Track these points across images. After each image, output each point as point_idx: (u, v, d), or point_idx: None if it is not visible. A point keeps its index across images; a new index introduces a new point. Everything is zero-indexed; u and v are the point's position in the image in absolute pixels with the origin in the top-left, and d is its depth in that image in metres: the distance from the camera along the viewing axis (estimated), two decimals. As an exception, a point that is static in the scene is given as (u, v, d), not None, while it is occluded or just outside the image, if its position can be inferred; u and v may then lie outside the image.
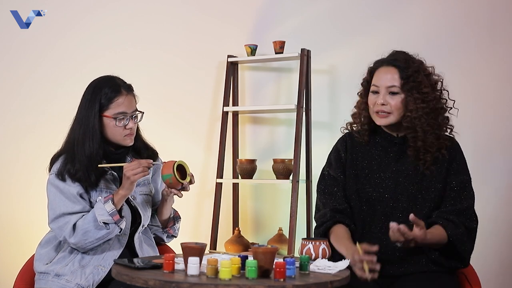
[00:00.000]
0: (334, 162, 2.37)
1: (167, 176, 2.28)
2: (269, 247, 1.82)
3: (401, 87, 2.21)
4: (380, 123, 2.27)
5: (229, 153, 3.71)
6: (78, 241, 2.27)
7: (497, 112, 3.27)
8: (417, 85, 2.20)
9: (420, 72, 2.23)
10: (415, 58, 2.28)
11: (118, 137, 2.38)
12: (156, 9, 3.89)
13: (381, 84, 2.24)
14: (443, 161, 2.25)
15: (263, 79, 3.79)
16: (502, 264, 3.21)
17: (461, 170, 2.27)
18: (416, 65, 2.23)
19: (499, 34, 3.28)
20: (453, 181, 2.24)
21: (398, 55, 2.27)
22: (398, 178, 2.26)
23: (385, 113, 2.24)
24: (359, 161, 2.33)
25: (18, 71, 4.00)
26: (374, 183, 2.28)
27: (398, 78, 2.22)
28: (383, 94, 2.23)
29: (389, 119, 2.24)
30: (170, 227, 2.55)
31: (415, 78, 2.21)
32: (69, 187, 2.31)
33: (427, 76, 2.25)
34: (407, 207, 2.23)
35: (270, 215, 3.70)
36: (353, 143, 2.36)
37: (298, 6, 3.67)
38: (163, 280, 1.71)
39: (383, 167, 2.29)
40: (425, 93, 2.20)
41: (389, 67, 2.25)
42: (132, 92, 2.42)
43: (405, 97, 2.21)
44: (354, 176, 2.32)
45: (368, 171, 2.30)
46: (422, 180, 2.24)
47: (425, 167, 2.23)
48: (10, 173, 3.93)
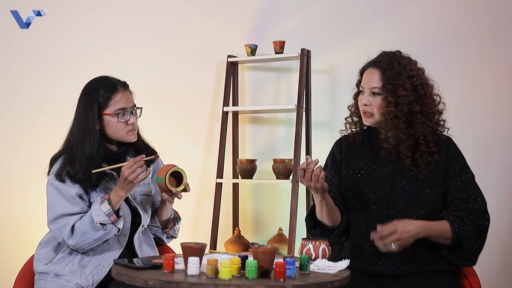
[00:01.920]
0: (330, 164, 2.41)
1: (159, 180, 2.28)
2: (269, 247, 1.82)
3: (381, 88, 2.25)
4: (366, 123, 2.32)
5: (229, 153, 3.71)
6: (77, 243, 2.27)
7: (497, 112, 3.27)
8: (393, 87, 2.22)
9: (402, 74, 2.23)
10: (404, 59, 2.28)
11: (121, 134, 2.38)
12: (156, 10, 3.89)
13: (365, 85, 2.29)
14: (437, 166, 2.25)
15: (263, 79, 3.79)
16: (502, 264, 3.21)
17: (462, 170, 2.27)
18: (399, 67, 2.24)
19: (499, 34, 3.28)
20: (457, 182, 2.24)
21: (384, 56, 2.30)
22: (395, 178, 2.27)
23: (369, 114, 2.29)
24: (355, 162, 2.35)
25: (18, 71, 4.00)
26: (370, 184, 2.29)
27: (379, 80, 2.25)
28: (366, 95, 2.28)
29: (373, 119, 2.29)
30: (170, 228, 2.55)
31: (394, 80, 2.23)
32: (69, 188, 2.31)
33: (410, 78, 2.24)
34: (403, 207, 2.23)
35: (270, 215, 3.70)
36: (348, 145, 2.39)
37: (298, 6, 3.67)
38: (163, 280, 1.71)
39: (379, 167, 2.30)
40: (401, 95, 2.21)
41: (373, 69, 2.29)
42: (128, 88, 2.43)
43: (382, 98, 2.25)
44: (350, 177, 2.33)
45: (364, 171, 2.32)
46: (418, 181, 2.25)
47: (417, 171, 2.24)
48: (9, 173, 3.94)
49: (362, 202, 2.29)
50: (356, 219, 2.31)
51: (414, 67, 2.28)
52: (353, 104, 2.40)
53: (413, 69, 2.27)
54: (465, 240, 2.17)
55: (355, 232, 2.31)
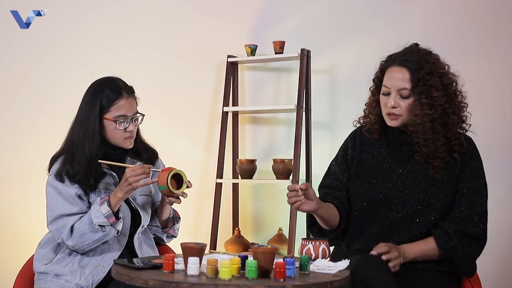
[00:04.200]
0: (341, 159, 2.33)
1: (161, 188, 2.26)
2: (269, 247, 1.82)
3: (411, 90, 2.13)
4: (391, 124, 2.21)
5: (229, 153, 3.71)
6: (76, 244, 2.27)
7: (497, 112, 3.27)
8: (427, 89, 2.11)
9: (433, 74, 2.13)
10: (430, 55, 2.18)
11: (118, 140, 2.37)
12: (156, 10, 3.89)
13: (391, 86, 2.16)
14: (454, 166, 2.18)
15: (263, 79, 3.79)
16: (502, 264, 3.21)
17: (475, 176, 2.19)
18: (429, 66, 2.13)
19: (499, 34, 3.28)
20: (464, 187, 2.17)
21: (411, 54, 2.16)
22: (406, 181, 2.20)
23: (396, 115, 2.18)
24: (368, 158, 2.28)
25: (18, 71, 4.00)
26: (381, 185, 2.23)
27: (408, 81, 2.13)
28: (393, 97, 2.16)
29: (400, 120, 2.18)
30: (170, 227, 2.55)
31: (426, 81, 2.11)
32: (68, 188, 2.31)
33: (440, 77, 2.14)
34: (412, 212, 2.18)
35: (270, 215, 3.70)
36: (363, 140, 2.30)
37: (298, 6, 3.67)
38: (163, 280, 1.71)
39: (392, 168, 2.23)
40: (435, 97, 2.11)
41: (400, 68, 2.15)
42: (133, 94, 2.40)
43: (414, 100, 2.13)
44: (361, 175, 2.27)
45: (376, 170, 2.25)
46: (430, 185, 2.18)
47: (434, 171, 2.16)
48: (9, 173, 3.94)
49: (370, 202, 2.23)
50: (360, 218, 2.25)
51: (442, 64, 2.18)
52: (371, 101, 2.27)
53: (442, 67, 2.17)
54: (454, 255, 2.13)
55: (358, 232, 2.27)
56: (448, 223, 2.15)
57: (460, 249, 2.13)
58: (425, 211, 2.17)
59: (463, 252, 2.14)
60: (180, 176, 2.28)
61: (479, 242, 2.16)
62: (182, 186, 2.28)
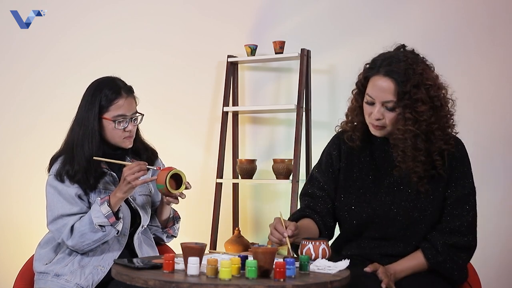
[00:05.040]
0: (324, 167, 2.24)
1: (159, 186, 2.27)
2: (269, 247, 1.81)
3: (396, 103, 2.01)
4: (376, 134, 2.12)
5: (229, 153, 3.72)
6: (76, 244, 2.27)
7: (497, 112, 3.27)
8: (412, 103, 1.99)
9: (420, 86, 2.00)
10: (417, 63, 2.04)
11: (117, 139, 2.37)
12: (156, 10, 3.89)
13: (376, 97, 2.04)
14: (440, 178, 2.10)
15: (263, 79, 3.79)
16: (502, 264, 3.21)
17: (462, 182, 2.11)
18: (416, 77, 2.00)
19: (499, 34, 3.28)
20: (453, 195, 2.10)
21: (398, 63, 2.03)
22: (395, 194, 2.13)
23: (380, 126, 2.08)
24: (355, 171, 2.20)
25: (18, 71, 4.00)
26: (369, 198, 2.15)
27: (394, 93, 2.01)
28: (378, 108, 2.05)
29: (385, 131, 2.10)
30: (170, 227, 2.55)
31: (412, 95, 1.99)
32: (68, 188, 2.31)
33: (427, 89, 2.01)
34: (402, 227, 2.12)
35: (270, 215, 3.70)
36: (348, 151, 2.21)
37: (298, 6, 3.67)
38: (163, 280, 1.71)
39: (379, 179, 2.16)
40: (420, 112, 2.00)
41: (386, 78, 2.03)
42: (132, 94, 2.40)
43: (398, 114, 2.03)
44: (349, 189, 2.19)
45: (363, 183, 2.17)
46: (418, 196, 2.11)
47: (418, 185, 2.09)
48: (9, 173, 3.94)
49: (358, 217, 2.16)
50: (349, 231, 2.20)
51: (430, 74, 2.05)
52: (354, 107, 2.17)
53: (429, 78, 2.03)
54: (443, 269, 2.10)
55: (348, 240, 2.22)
56: (436, 235, 2.10)
57: (449, 263, 2.10)
58: (416, 222, 2.12)
59: (452, 265, 2.10)
60: (179, 176, 2.29)
61: (468, 250, 2.13)
62: (180, 187, 2.29)
